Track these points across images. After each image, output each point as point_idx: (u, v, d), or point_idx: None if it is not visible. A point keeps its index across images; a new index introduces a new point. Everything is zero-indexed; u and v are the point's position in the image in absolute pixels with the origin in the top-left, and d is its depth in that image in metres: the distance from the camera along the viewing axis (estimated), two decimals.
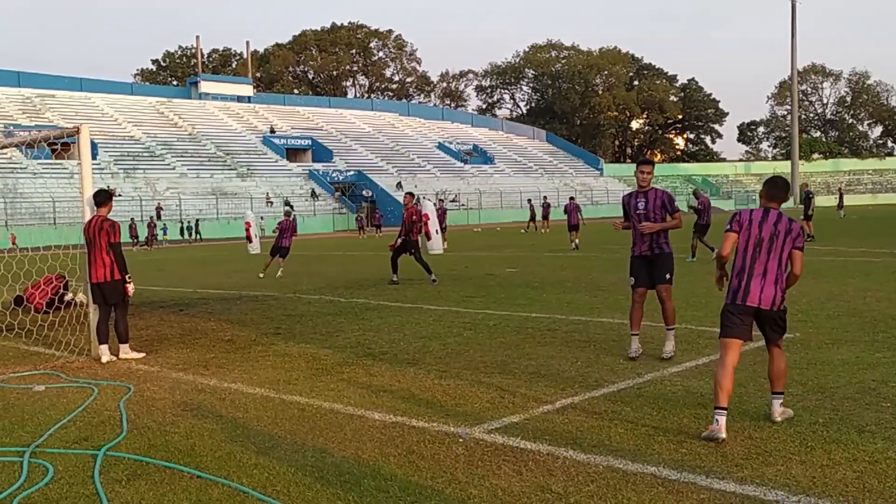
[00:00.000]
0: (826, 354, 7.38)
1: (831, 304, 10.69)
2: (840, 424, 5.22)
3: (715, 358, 7.46)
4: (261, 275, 19.56)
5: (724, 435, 5.01)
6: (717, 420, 5.08)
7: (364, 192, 70.32)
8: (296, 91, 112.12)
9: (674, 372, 6.94)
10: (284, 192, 66.26)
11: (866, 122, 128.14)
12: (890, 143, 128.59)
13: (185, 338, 10.23)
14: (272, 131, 79.72)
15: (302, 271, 21.05)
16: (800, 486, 4.18)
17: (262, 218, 56.14)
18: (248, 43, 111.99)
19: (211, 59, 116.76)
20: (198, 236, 54.75)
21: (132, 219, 51.86)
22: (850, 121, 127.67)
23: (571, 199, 30.37)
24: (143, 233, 51.14)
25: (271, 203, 63.51)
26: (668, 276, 7.71)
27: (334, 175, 72.70)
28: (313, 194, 68.05)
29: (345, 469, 4.75)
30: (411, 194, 17.09)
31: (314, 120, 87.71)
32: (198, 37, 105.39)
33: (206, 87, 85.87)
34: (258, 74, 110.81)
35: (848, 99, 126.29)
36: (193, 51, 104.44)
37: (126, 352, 8.82)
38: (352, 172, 74.05)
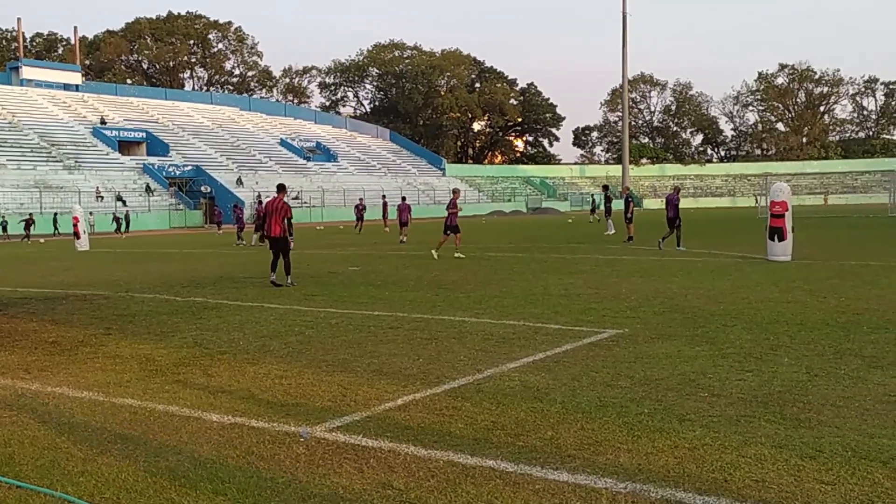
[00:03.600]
0: (652, 348, 7.81)
1: (657, 300, 11.32)
2: (663, 414, 5.54)
3: (551, 353, 7.74)
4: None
5: None
6: None
7: (203, 188, 68.04)
8: (129, 81, 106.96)
9: (512, 368, 7.14)
10: (116, 187, 63.10)
11: (689, 130, 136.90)
12: (710, 151, 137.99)
13: (3, 340, 9.54)
14: (103, 122, 75.70)
15: (136, 269, 20.14)
16: (627, 474, 4.41)
17: (91, 213, 53.30)
18: (75, 28, 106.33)
19: (34, 43, 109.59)
20: (56, 231, 50.07)
21: None
22: (675, 128, 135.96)
23: (403, 198, 33.68)
24: None
25: (101, 198, 60.35)
26: None
27: (170, 170, 69.87)
28: (148, 189, 65.19)
29: (180, 472, 4.59)
30: (282, 186, 15.36)
31: (149, 112, 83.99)
32: (19, 19, 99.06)
33: (28, 72, 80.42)
34: (87, 62, 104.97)
35: (673, 108, 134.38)
36: (14, 34, 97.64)
37: None
38: (189, 167, 71.45)
